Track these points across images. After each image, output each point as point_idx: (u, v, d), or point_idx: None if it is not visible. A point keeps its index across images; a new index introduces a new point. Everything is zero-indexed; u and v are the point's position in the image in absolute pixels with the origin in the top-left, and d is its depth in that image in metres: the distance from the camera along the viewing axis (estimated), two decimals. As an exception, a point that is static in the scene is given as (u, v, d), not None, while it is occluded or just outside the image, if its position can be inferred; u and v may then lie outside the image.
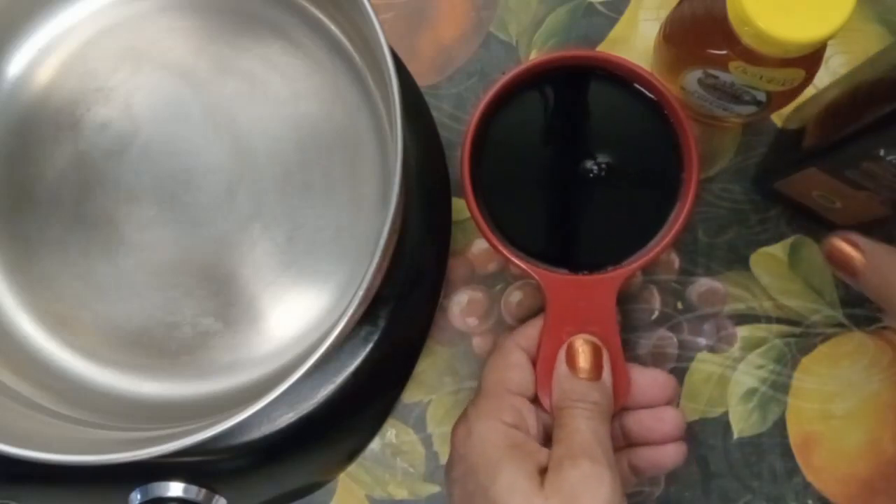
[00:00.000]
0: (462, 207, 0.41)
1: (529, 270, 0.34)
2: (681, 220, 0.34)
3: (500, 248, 0.34)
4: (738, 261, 0.40)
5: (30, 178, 0.35)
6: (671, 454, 0.34)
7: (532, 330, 0.34)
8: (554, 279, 0.34)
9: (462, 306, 0.40)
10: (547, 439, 0.33)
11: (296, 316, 0.34)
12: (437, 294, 0.38)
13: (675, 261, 0.40)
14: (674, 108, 0.34)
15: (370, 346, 0.34)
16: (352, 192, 0.35)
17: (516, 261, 0.34)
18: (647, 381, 0.34)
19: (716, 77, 0.34)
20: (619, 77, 0.35)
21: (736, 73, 0.33)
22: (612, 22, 0.42)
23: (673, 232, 0.34)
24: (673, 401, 0.34)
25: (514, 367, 0.33)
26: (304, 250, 0.34)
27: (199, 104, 0.35)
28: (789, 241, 0.40)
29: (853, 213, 0.37)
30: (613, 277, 0.34)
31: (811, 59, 0.32)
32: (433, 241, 0.38)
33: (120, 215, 0.35)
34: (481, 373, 0.34)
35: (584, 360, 0.32)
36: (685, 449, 0.34)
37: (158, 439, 0.27)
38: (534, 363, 0.33)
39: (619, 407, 0.33)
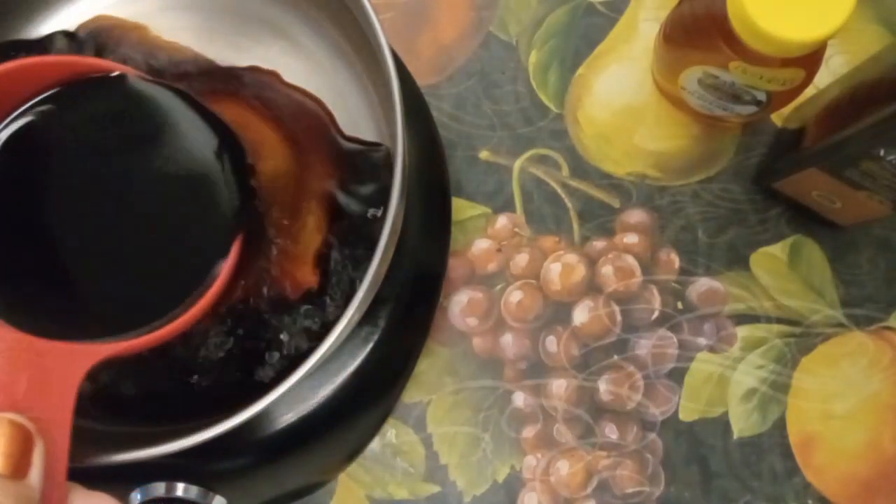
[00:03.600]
0: (462, 207, 0.41)
1: None
2: (223, 270, 0.25)
3: None
4: (738, 261, 0.40)
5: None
6: None
7: None
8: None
9: (462, 306, 0.40)
10: None
11: (296, 316, 0.34)
12: (437, 294, 0.38)
13: (675, 261, 0.40)
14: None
15: (370, 346, 0.33)
16: (352, 192, 0.34)
17: None
18: None
19: (716, 77, 0.34)
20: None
21: (736, 73, 0.33)
22: (612, 22, 0.42)
23: (209, 293, 0.25)
24: None
25: None
26: (304, 250, 0.34)
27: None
28: (789, 241, 0.40)
29: (853, 213, 0.37)
30: (81, 352, 0.25)
31: (811, 59, 0.32)
32: (433, 241, 0.38)
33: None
34: None
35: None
36: None
37: (159, 439, 0.27)
38: None
39: None
